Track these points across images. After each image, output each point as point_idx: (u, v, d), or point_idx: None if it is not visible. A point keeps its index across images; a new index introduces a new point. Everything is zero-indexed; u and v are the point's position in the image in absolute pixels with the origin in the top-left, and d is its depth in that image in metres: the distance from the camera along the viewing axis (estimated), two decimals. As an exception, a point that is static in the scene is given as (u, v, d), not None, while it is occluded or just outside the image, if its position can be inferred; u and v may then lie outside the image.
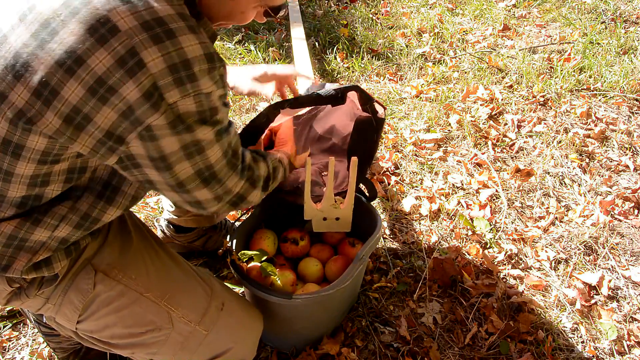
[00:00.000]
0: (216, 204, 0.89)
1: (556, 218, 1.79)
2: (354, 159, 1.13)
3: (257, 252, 1.26)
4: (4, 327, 1.46)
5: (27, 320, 1.45)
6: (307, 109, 1.33)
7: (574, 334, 1.44)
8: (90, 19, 0.68)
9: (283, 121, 1.34)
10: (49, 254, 0.87)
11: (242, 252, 1.25)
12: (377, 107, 1.24)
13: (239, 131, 1.22)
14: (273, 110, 1.14)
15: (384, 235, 1.72)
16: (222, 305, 1.04)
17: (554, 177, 1.96)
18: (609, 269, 1.63)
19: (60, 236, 0.86)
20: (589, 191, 1.90)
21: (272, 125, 1.28)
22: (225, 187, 0.88)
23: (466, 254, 1.66)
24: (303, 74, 1.34)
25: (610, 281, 1.57)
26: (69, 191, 0.84)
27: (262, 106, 2.34)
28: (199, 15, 0.83)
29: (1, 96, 0.71)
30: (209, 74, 0.75)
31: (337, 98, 1.12)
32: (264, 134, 1.25)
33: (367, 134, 1.24)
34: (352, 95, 1.25)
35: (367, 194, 1.36)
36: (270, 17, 0.94)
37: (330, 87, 1.15)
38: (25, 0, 0.72)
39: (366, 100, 1.21)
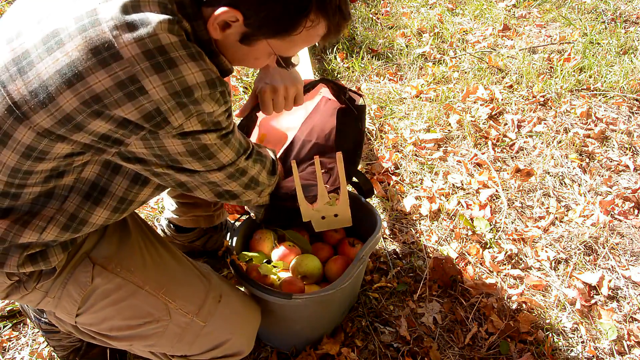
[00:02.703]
0: (230, 181, 0.94)
1: (556, 218, 1.80)
2: (339, 154, 1.15)
3: (257, 255, 1.26)
4: (4, 327, 1.46)
5: (27, 320, 1.45)
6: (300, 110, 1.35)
7: (574, 334, 1.44)
8: (96, 40, 0.70)
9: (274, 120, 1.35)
10: (42, 248, 0.89)
11: (243, 253, 1.25)
12: (354, 95, 1.25)
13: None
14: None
15: (384, 235, 1.72)
16: (219, 297, 1.05)
17: (554, 177, 1.96)
18: (609, 269, 1.63)
19: (47, 240, 0.88)
20: (589, 191, 1.90)
21: (260, 122, 1.30)
22: (245, 175, 0.96)
23: (466, 254, 1.66)
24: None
25: (610, 281, 1.57)
26: (55, 192, 0.85)
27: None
28: (213, 54, 0.85)
29: (1, 84, 0.74)
30: (210, 97, 0.78)
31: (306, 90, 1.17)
32: (252, 134, 1.27)
33: (351, 124, 1.26)
34: (329, 93, 1.27)
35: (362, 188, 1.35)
36: (281, 66, 0.96)
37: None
38: (45, 7, 0.76)
39: (338, 91, 1.23)
